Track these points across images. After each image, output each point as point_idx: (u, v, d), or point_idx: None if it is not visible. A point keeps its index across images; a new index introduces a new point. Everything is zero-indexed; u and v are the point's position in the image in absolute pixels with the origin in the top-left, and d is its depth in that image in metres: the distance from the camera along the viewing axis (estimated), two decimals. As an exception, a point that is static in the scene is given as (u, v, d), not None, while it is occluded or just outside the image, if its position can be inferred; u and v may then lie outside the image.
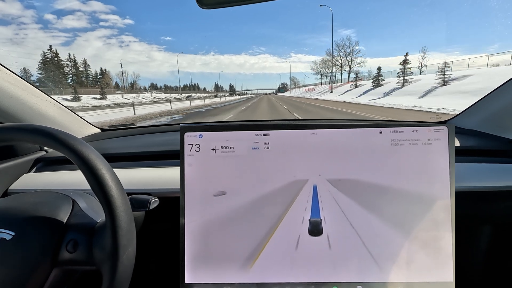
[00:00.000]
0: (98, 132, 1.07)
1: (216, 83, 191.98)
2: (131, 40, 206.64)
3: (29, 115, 0.78)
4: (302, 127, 0.47)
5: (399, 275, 0.45)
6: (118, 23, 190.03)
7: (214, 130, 0.47)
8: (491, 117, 0.81)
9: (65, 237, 0.41)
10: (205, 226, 0.46)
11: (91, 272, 0.42)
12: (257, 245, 0.46)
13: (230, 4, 0.51)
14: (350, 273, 0.45)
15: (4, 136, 0.39)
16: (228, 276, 0.46)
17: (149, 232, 0.68)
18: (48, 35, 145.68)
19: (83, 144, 0.39)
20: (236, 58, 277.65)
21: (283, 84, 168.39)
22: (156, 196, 0.57)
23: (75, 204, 0.47)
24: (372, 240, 0.45)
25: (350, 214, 0.46)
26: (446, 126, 0.46)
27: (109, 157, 0.57)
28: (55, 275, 0.40)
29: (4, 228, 0.39)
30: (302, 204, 0.46)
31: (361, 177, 0.46)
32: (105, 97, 38.31)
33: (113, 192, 0.37)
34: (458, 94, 14.54)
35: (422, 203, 0.45)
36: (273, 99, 31.59)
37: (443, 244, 0.45)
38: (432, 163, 0.45)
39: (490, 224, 0.76)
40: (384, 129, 0.46)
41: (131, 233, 0.39)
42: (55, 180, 0.73)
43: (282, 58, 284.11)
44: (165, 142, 0.93)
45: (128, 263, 0.39)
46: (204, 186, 0.47)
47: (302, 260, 0.46)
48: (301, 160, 0.47)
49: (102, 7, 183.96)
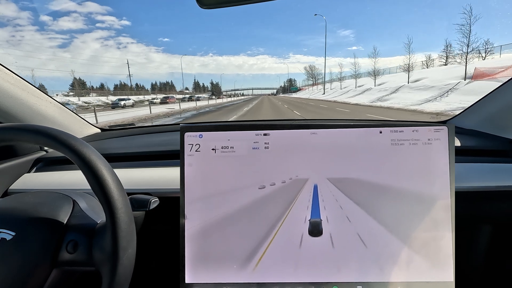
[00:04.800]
0: (98, 132, 1.07)
1: (196, 81, 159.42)
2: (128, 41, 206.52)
3: (29, 115, 0.78)
4: (302, 127, 0.47)
5: (399, 275, 0.45)
6: (115, 24, 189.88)
7: (214, 130, 0.47)
8: (491, 117, 0.81)
9: (65, 237, 0.41)
10: (205, 226, 0.46)
11: (91, 273, 0.42)
12: (257, 245, 0.46)
13: (230, 4, 0.51)
14: (350, 273, 0.45)
15: (4, 136, 0.39)
16: (228, 276, 0.46)
17: (149, 232, 0.68)
18: (45, 37, 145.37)
19: (83, 144, 0.39)
20: (234, 59, 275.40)
21: (290, 81, 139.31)
22: (156, 196, 0.57)
23: (75, 205, 0.47)
24: (372, 239, 0.45)
25: (350, 213, 0.46)
26: (446, 126, 0.46)
27: (109, 157, 0.57)
28: (55, 275, 0.40)
29: (4, 228, 0.39)
30: (303, 203, 0.46)
31: (361, 177, 0.46)
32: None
33: (113, 193, 0.37)
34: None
35: (422, 203, 0.45)
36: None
37: (443, 244, 0.45)
38: (432, 163, 0.46)
39: (490, 224, 0.76)
40: (384, 129, 0.46)
41: (131, 234, 0.39)
42: (55, 180, 0.73)
43: (281, 59, 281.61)
44: (165, 142, 0.93)
45: (128, 264, 0.39)
46: (204, 186, 0.47)
47: (305, 260, 0.46)
48: (301, 160, 0.47)
49: (98, 8, 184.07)
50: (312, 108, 16.53)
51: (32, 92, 0.79)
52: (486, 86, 11.54)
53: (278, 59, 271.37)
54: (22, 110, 0.76)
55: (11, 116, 0.74)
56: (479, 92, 8.45)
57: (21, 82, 0.76)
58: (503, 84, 0.76)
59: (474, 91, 11.79)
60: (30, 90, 0.78)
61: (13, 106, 0.73)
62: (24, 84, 0.77)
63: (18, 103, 0.74)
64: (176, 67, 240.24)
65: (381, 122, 0.59)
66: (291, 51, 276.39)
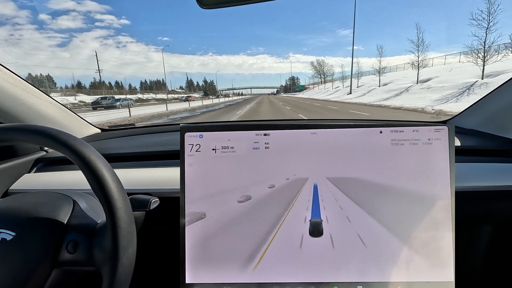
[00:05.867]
0: (98, 132, 1.07)
1: (190, 79, 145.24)
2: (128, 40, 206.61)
3: (29, 115, 0.78)
4: (302, 127, 0.47)
5: (399, 274, 0.45)
6: (114, 23, 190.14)
7: (214, 130, 0.47)
8: (491, 117, 0.81)
9: (65, 237, 0.41)
10: (206, 226, 0.46)
11: (91, 273, 0.42)
12: (257, 245, 0.46)
13: (230, 4, 0.51)
14: (351, 273, 0.45)
15: (4, 136, 0.39)
16: (228, 276, 0.46)
17: (149, 232, 0.68)
18: (44, 36, 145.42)
19: (83, 144, 0.39)
20: (234, 58, 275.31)
21: (293, 79, 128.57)
22: (157, 196, 0.57)
23: (75, 205, 0.47)
24: (372, 239, 0.45)
25: (350, 213, 0.46)
26: (446, 125, 0.46)
27: (109, 157, 0.57)
28: (55, 275, 0.40)
29: (5, 229, 0.39)
30: (303, 203, 0.46)
31: (362, 177, 0.46)
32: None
33: (113, 193, 0.37)
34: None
35: (422, 203, 0.45)
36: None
37: (443, 244, 0.45)
38: (433, 163, 0.46)
39: (490, 224, 0.76)
40: (384, 129, 0.46)
41: (132, 234, 0.39)
42: (56, 180, 0.73)
43: (281, 58, 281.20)
44: (165, 142, 0.93)
45: (128, 264, 0.39)
46: (205, 186, 0.47)
47: (305, 260, 0.46)
48: (301, 159, 0.47)
49: (97, 6, 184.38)
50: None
51: (32, 92, 0.79)
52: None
53: (278, 58, 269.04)
54: (22, 110, 0.76)
55: (11, 116, 0.74)
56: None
57: (21, 82, 0.76)
58: (503, 84, 0.76)
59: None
60: (30, 90, 0.78)
61: (13, 106, 0.73)
62: (24, 84, 0.77)
63: (18, 103, 0.74)
64: (175, 66, 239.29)
65: (381, 122, 0.59)
66: (291, 51, 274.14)
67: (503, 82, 0.76)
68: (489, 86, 12.50)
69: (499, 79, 12.41)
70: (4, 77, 0.70)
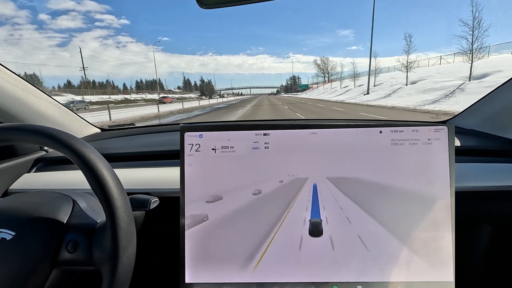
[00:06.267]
0: (98, 132, 1.07)
1: (186, 78, 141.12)
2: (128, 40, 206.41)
3: (29, 115, 0.78)
4: (302, 127, 0.47)
5: (399, 274, 0.45)
6: (114, 23, 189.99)
7: (214, 130, 0.47)
8: (491, 117, 0.81)
9: (65, 237, 0.41)
10: (205, 226, 0.46)
11: (91, 273, 0.42)
12: (257, 245, 0.46)
13: (230, 4, 0.51)
14: (350, 272, 0.45)
15: (4, 136, 0.39)
16: (228, 276, 0.46)
17: (149, 231, 0.68)
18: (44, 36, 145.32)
19: (83, 144, 0.39)
20: (234, 58, 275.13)
21: (294, 78, 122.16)
22: (156, 196, 0.57)
23: (75, 204, 0.47)
24: (372, 239, 0.45)
25: (350, 213, 0.46)
26: (446, 126, 0.46)
27: (109, 157, 0.57)
28: (55, 275, 0.40)
29: (5, 228, 0.39)
30: (303, 203, 0.46)
31: (361, 176, 0.46)
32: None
33: (113, 193, 0.38)
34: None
35: (422, 203, 0.45)
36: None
37: (443, 244, 0.45)
38: (432, 163, 0.46)
39: (490, 224, 0.76)
40: (384, 129, 0.46)
41: (131, 234, 0.40)
42: (55, 180, 0.73)
43: (281, 58, 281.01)
44: (165, 142, 0.93)
45: (128, 264, 0.39)
46: (204, 186, 0.47)
47: (305, 260, 0.46)
48: (301, 159, 0.47)
49: (96, 6, 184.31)
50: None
51: (32, 92, 0.79)
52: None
53: (278, 58, 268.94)
54: (22, 110, 0.76)
55: (11, 116, 0.74)
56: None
57: (21, 82, 0.76)
58: (503, 84, 0.76)
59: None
60: (30, 90, 0.78)
61: (13, 106, 0.73)
62: (24, 84, 0.77)
63: (18, 103, 0.74)
64: (175, 66, 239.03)
65: (381, 122, 0.59)
66: (290, 51, 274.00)
67: (503, 82, 0.76)
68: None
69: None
70: (4, 77, 0.70)
